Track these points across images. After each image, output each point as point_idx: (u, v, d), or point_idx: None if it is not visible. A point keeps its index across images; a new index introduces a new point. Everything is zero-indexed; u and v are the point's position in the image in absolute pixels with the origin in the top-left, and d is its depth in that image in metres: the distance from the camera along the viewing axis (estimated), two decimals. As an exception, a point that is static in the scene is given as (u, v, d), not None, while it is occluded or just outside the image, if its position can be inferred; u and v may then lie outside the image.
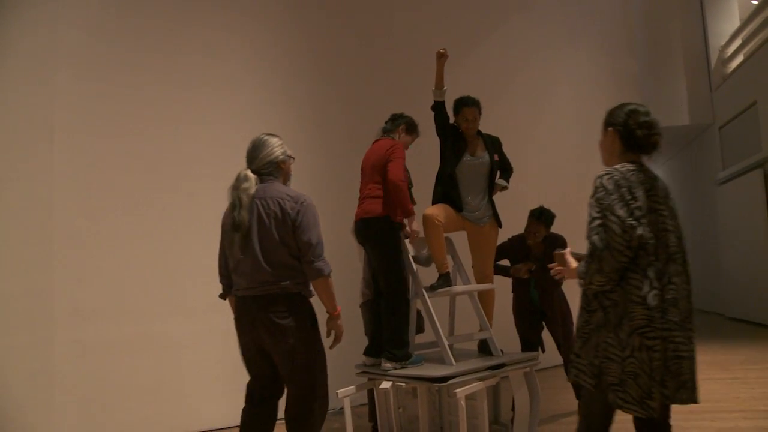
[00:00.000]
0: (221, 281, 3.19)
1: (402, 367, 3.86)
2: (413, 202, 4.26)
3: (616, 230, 2.22)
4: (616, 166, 2.37)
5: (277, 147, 3.10)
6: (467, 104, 4.33)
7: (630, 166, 2.37)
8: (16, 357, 4.37)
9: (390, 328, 3.96)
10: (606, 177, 2.34)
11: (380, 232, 3.97)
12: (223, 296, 3.22)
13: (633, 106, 2.46)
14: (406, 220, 3.94)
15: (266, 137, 3.13)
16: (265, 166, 3.05)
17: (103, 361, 4.63)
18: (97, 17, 4.91)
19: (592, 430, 2.45)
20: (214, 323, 5.00)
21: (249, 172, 3.01)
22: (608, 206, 2.26)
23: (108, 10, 4.96)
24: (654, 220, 2.30)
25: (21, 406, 4.36)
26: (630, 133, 2.43)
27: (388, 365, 3.88)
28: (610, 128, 2.52)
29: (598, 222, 2.27)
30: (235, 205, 2.93)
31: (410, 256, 4.18)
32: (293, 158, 3.19)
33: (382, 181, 3.95)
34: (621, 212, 2.23)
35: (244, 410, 3.15)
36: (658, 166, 16.22)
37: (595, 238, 2.25)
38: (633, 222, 2.23)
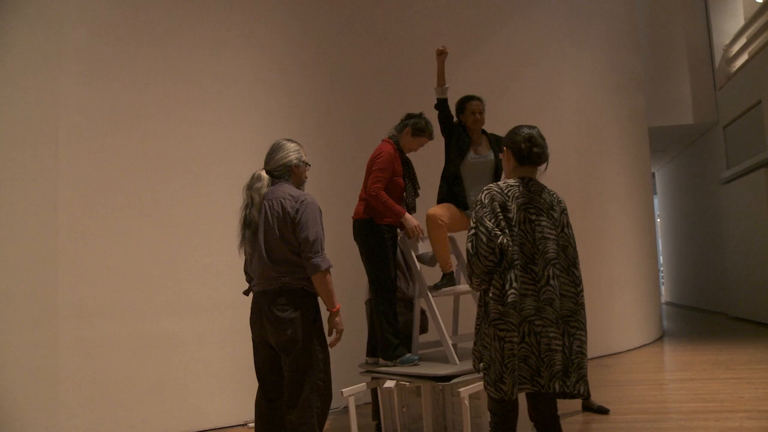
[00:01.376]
0: (246, 279, 3.35)
1: (393, 366, 3.92)
2: (413, 209, 4.27)
3: (483, 239, 2.59)
4: (499, 183, 2.75)
5: (292, 152, 3.25)
6: (472, 98, 4.33)
7: (512, 182, 2.74)
8: (20, 354, 4.39)
9: (378, 328, 4.06)
10: (485, 192, 2.70)
11: (361, 234, 4.09)
12: (246, 292, 3.35)
13: (524, 128, 2.83)
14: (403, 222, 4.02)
15: (284, 142, 3.29)
16: (278, 168, 3.23)
17: (106, 358, 4.64)
18: (103, 16, 4.92)
19: (497, 415, 2.73)
20: (218, 321, 5.03)
21: (263, 173, 3.23)
22: (480, 218, 2.63)
23: (113, 8, 4.97)
24: (529, 230, 2.66)
25: (25, 404, 4.37)
26: (518, 148, 2.78)
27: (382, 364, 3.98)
28: (505, 147, 2.87)
29: (472, 231, 2.64)
30: (247, 204, 3.15)
31: (414, 255, 4.18)
32: (309, 165, 3.35)
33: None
34: (489, 224, 2.61)
35: (255, 425, 3.25)
36: (663, 165, 16.26)
37: (469, 245, 2.64)
38: (497, 232, 2.60)
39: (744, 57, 10.99)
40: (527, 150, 2.77)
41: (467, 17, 7.03)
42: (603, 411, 4.84)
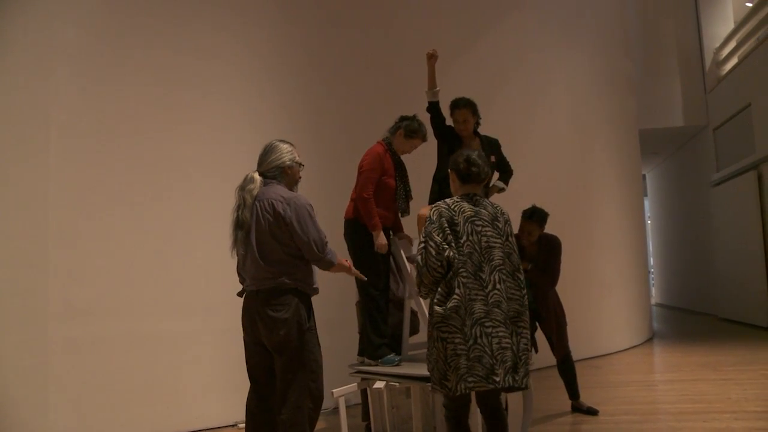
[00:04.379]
0: (240, 280, 3.34)
1: (375, 365, 3.96)
2: (405, 212, 4.28)
3: (431, 252, 2.86)
4: (447, 200, 3.03)
5: (285, 153, 3.27)
6: (457, 106, 4.35)
7: (457, 198, 3.03)
8: (11, 354, 4.36)
9: (363, 327, 4.11)
10: (434, 209, 2.98)
11: (349, 234, 4.15)
12: (240, 293, 3.35)
13: (467, 152, 3.11)
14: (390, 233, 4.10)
15: (278, 143, 3.30)
16: (271, 169, 3.24)
17: (97, 358, 4.62)
18: (95, 16, 4.90)
19: (450, 411, 2.98)
20: (209, 322, 5.02)
21: (256, 175, 3.22)
22: (429, 233, 2.90)
23: (106, 8, 4.95)
24: (476, 240, 2.90)
25: (15, 404, 4.35)
26: (458, 169, 3.07)
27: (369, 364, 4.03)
28: (450, 170, 3.16)
29: (422, 246, 2.91)
30: (239, 205, 3.16)
31: (404, 256, 4.19)
32: (302, 165, 3.37)
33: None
34: (437, 238, 2.88)
35: (246, 426, 3.25)
36: (653, 167, 16.34)
37: (419, 258, 2.90)
38: (445, 245, 2.86)
39: (734, 60, 11.07)
40: (466, 170, 3.04)
41: (458, 19, 7.04)
42: (592, 412, 4.86)
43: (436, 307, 2.85)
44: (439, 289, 2.86)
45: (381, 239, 4.01)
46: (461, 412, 2.99)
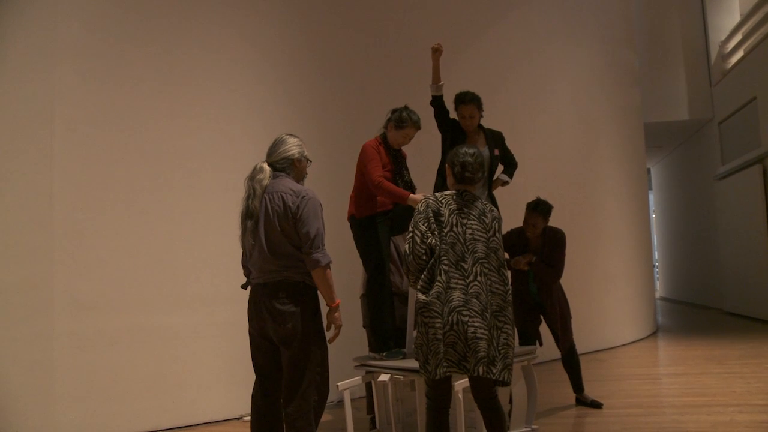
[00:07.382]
0: (244, 273, 3.35)
1: (380, 359, 3.96)
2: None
3: (417, 240, 3.01)
4: (437, 193, 3.18)
5: (294, 146, 3.28)
6: (463, 101, 4.33)
7: (447, 193, 3.16)
8: (15, 348, 4.38)
9: (366, 321, 4.12)
10: (423, 201, 3.13)
11: (352, 230, 4.14)
12: (244, 286, 3.36)
13: (462, 152, 3.20)
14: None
15: (287, 136, 3.32)
16: (280, 161, 3.24)
17: (102, 353, 4.64)
18: (97, 11, 4.90)
19: (430, 400, 3.08)
20: (213, 315, 5.03)
21: (265, 165, 3.23)
22: (415, 223, 3.05)
23: (108, 3, 4.95)
24: (460, 232, 3.03)
25: (20, 398, 4.38)
26: (453, 170, 3.19)
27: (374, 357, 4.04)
28: (446, 165, 3.29)
29: (409, 235, 3.05)
30: (249, 195, 3.16)
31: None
32: (310, 161, 3.37)
33: (355, 182, 4.11)
34: (422, 227, 3.02)
35: (251, 419, 3.26)
36: (658, 161, 16.30)
37: (406, 246, 3.05)
38: (429, 234, 3.01)
39: (739, 53, 11.02)
40: (460, 174, 3.17)
41: (463, 12, 7.03)
42: (596, 405, 4.87)
43: (420, 295, 2.96)
44: (423, 276, 2.97)
45: (415, 197, 3.84)
46: (441, 402, 3.07)
